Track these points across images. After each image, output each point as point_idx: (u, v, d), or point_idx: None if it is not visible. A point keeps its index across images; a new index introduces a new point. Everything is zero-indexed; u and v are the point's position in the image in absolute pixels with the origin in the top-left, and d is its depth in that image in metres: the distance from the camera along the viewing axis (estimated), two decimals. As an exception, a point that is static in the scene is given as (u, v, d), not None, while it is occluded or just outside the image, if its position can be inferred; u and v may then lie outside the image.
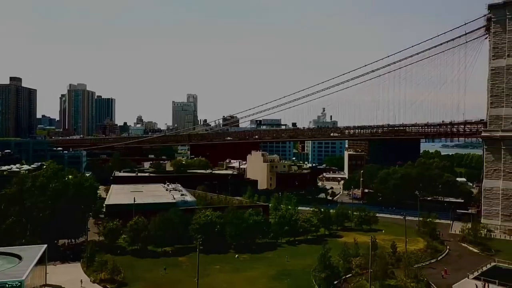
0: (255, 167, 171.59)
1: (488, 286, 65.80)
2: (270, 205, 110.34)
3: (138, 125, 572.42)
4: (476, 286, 66.00)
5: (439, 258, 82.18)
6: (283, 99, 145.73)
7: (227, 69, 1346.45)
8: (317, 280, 65.43)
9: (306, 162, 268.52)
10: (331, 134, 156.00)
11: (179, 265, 74.99)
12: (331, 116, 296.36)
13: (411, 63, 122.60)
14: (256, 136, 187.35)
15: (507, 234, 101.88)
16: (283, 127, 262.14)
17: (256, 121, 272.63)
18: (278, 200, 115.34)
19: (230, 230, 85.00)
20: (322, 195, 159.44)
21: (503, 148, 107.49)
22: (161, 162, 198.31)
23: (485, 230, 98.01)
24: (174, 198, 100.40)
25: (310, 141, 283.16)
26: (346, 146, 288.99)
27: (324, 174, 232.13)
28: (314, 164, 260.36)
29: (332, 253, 70.14)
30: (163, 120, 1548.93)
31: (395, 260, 74.61)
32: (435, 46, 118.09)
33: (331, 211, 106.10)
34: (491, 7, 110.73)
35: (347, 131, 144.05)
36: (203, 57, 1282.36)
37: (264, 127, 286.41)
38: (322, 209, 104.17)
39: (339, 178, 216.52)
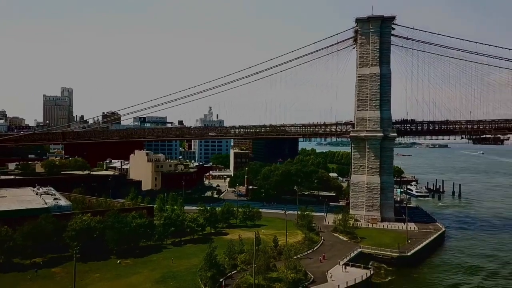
0: (139, 167, 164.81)
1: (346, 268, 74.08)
2: (155, 206, 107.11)
3: (1, 121, 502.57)
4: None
5: (315, 249, 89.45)
6: (170, 96, 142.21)
7: (108, 62, 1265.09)
8: (203, 280, 65.75)
9: (193, 161, 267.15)
10: (217, 133, 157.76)
11: (52, 276, 67.99)
12: (217, 115, 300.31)
13: (291, 67, 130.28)
14: (140, 135, 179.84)
15: (370, 223, 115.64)
16: (169, 125, 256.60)
17: (140, 118, 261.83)
18: (163, 201, 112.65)
19: (111, 235, 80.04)
20: (209, 194, 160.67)
21: (367, 147, 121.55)
22: (29, 162, 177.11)
23: (353, 220, 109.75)
24: (46, 203, 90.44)
25: (197, 140, 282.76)
26: (232, 144, 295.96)
27: (211, 172, 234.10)
28: (201, 163, 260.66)
29: (218, 251, 71.27)
30: (32, 115, 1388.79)
31: (277, 253, 78.97)
32: (311, 53, 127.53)
33: (217, 209, 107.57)
34: (358, 20, 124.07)
35: (232, 130, 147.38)
36: (80, 48, 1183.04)
37: (148, 125, 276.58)
38: (209, 208, 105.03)
39: (225, 176, 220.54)
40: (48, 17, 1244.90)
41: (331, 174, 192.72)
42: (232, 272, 70.78)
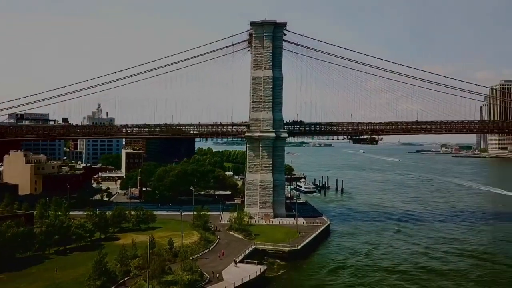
0: (15, 169, 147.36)
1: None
2: (35, 212, 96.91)
3: None
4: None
5: (211, 248, 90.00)
6: (52, 92, 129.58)
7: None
8: (92, 289, 61.55)
9: (79, 162, 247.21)
10: (109, 132, 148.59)
11: None
12: (107, 113, 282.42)
13: (188, 66, 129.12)
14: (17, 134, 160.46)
15: (263, 219, 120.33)
16: (51, 123, 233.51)
17: (17, 115, 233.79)
18: (45, 207, 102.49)
19: (-20, 248, 70.28)
20: (98, 197, 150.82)
21: (261, 146, 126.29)
22: None
23: (248, 217, 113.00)
24: None
25: (85, 139, 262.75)
26: (124, 144, 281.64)
27: (100, 174, 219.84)
28: (88, 164, 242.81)
29: (109, 258, 67.36)
30: None
31: (172, 256, 77.57)
32: (208, 52, 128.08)
33: (108, 213, 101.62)
34: (252, 24, 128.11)
35: (124, 129, 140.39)
36: None
37: (26, 122, 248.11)
38: (98, 212, 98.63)
39: (116, 178, 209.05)
40: None
41: (227, 173, 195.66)
42: (125, 279, 67.59)
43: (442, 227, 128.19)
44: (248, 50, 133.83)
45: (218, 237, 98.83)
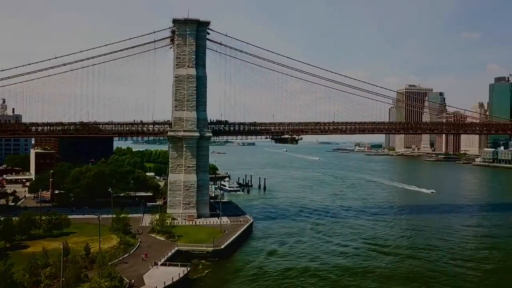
0: None
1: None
2: None
3: None
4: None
5: (131, 252, 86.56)
6: None
7: None
8: (-5, 305, 55.84)
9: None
10: (16, 131, 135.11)
11: None
12: (13, 109, 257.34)
13: (106, 61, 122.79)
14: None
15: (187, 220, 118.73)
16: None
17: None
18: None
19: None
20: (3, 201, 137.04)
21: (184, 146, 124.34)
22: None
23: (170, 219, 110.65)
24: None
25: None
26: (33, 143, 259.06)
27: (5, 176, 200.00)
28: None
29: (16, 268, 61.83)
30: None
31: (89, 262, 73.34)
32: (127, 48, 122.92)
33: (14, 219, 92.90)
34: (175, 21, 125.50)
35: (34, 128, 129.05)
36: None
37: None
38: (2, 219, 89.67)
39: (24, 180, 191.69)
40: None
41: (148, 174, 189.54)
42: (35, 290, 62.31)
43: (354, 220, 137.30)
44: (171, 48, 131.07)
45: (139, 240, 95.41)
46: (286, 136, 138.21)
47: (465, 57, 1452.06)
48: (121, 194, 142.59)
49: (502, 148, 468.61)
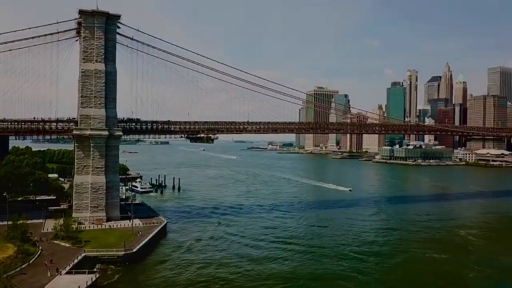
0: None
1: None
2: None
3: None
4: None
5: (31, 262, 79.18)
6: None
7: None
8: None
9: None
10: None
11: None
12: None
13: (1, 51, 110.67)
14: None
15: (95, 224, 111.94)
16: None
17: None
18: None
19: None
20: None
21: (92, 146, 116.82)
22: None
23: (76, 223, 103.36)
24: None
25: None
26: None
27: None
28: None
29: None
30: None
31: (-21, 276, 65.32)
32: (27, 39, 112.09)
33: None
34: (81, 12, 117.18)
35: None
36: None
37: None
38: None
39: None
40: None
41: (50, 175, 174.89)
42: None
43: (267, 216, 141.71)
44: (77, 40, 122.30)
45: (40, 248, 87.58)
46: (202, 135, 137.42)
47: (367, 62, 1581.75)
48: (19, 198, 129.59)
49: (397, 146, 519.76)
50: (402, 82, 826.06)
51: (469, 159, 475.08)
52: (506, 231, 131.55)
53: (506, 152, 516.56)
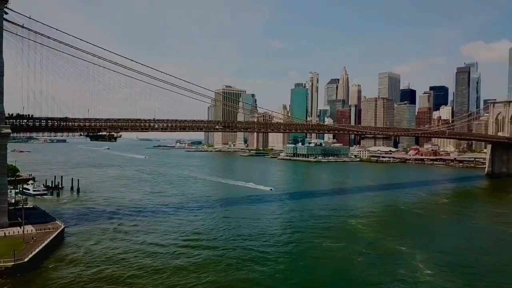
0: None
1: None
2: None
3: None
4: None
5: None
6: None
7: None
8: None
9: None
10: None
11: None
12: None
13: None
14: None
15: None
16: None
17: None
18: None
19: None
20: None
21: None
22: None
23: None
24: None
25: None
26: None
27: None
28: None
29: None
30: None
31: None
32: None
33: None
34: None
35: None
36: None
37: None
38: None
39: None
40: None
41: None
42: None
43: (174, 216, 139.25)
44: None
45: None
46: (104, 133, 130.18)
47: (272, 63, 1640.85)
48: None
49: (300, 144, 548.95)
50: (305, 84, 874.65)
51: (362, 156, 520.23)
52: (389, 218, 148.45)
53: (393, 149, 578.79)
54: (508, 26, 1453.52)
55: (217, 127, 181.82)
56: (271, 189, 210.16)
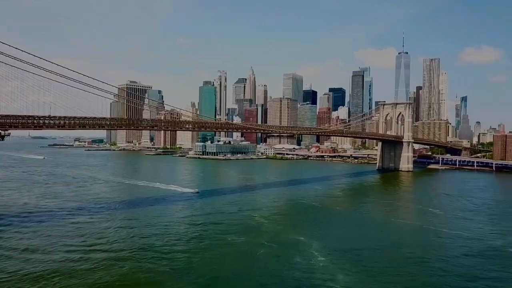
0: None
1: None
2: None
3: None
4: None
5: None
6: None
7: None
8: None
9: None
10: None
11: None
12: None
13: None
14: None
15: None
16: None
17: None
18: None
19: None
20: None
21: None
22: None
23: None
24: None
25: None
26: None
27: None
28: None
29: None
30: None
31: None
32: None
33: None
34: None
35: None
36: None
37: None
38: None
39: None
40: None
41: None
42: None
43: (69, 220, 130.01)
44: None
45: None
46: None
47: (180, 60, 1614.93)
48: None
49: (209, 142, 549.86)
50: (213, 82, 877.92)
51: (269, 153, 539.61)
52: (290, 212, 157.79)
53: (297, 147, 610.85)
54: (394, 35, 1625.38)
55: (120, 124, 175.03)
56: (178, 188, 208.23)
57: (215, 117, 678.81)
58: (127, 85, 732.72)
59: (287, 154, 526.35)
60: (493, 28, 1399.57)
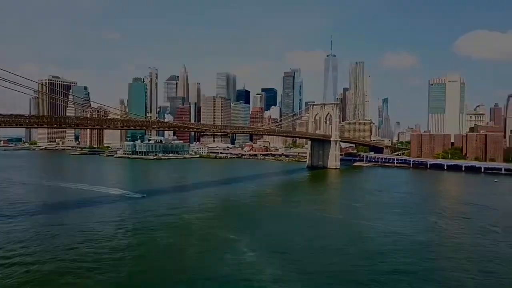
0: None
1: None
2: None
3: None
4: None
5: None
6: None
7: None
8: None
9: None
10: None
11: None
12: None
13: None
14: None
15: None
16: None
17: None
18: None
19: None
20: None
21: None
22: None
23: None
24: None
25: None
26: None
27: None
28: None
29: None
30: None
31: None
32: None
33: None
34: None
35: None
36: None
37: None
38: None
39: None
40: None
41: None
42: None
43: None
44: None
45: None
46: None
47: (107, 55, 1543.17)
48: None
49: (139, 141, 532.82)
50: (143, 79, 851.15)
51: (202, 152, 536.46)
52: (221, 211, 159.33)
53: (231, 146, 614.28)
54: (323, 38, 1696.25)
55: (41, 122, 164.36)
56: (104, 189, 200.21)
57: (146, 115, 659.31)
58: (49, 80, 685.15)
59: (221, 153, 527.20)
60: (410, 34, 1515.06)
